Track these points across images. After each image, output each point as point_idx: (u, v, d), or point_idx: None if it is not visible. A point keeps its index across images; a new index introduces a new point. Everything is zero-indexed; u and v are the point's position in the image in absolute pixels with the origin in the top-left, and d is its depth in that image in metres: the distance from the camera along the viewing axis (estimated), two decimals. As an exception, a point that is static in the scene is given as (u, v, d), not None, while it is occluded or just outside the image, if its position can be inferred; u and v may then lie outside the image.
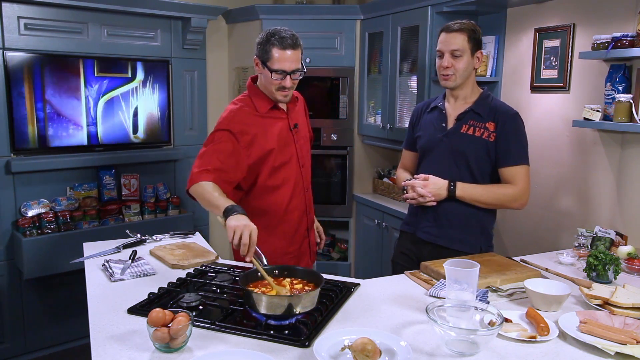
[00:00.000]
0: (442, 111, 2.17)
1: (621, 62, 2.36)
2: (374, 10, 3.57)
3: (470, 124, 2.09)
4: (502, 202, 2.09)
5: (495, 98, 2.17)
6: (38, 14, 3.22)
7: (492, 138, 2.06)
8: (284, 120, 2.13)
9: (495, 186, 2.09)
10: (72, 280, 3.34)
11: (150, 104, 3.69)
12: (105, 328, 1.45)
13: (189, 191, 1.97)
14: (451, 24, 2.08)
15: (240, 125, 2.03)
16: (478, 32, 2.09)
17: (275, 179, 2.10)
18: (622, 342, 1.36)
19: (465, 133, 2.09)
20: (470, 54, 2.07)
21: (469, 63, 2.08)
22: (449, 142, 2.11)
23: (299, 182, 2.18)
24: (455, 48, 2.05)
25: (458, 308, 1.43)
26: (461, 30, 2.05)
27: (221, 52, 4.15)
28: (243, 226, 1.67)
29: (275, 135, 2.09)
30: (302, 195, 2.20)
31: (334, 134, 3.83)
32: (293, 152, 2.15)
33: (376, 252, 3.65)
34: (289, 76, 1.99)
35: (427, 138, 2.19)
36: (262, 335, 1.40)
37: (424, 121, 2.25)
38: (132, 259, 1.99)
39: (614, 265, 1.86)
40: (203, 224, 4.10)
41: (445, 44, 2.07)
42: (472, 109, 2.11)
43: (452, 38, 2.05)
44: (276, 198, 2.12)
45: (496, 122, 2.07)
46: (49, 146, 3.31)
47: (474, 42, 2.07)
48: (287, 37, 1.96)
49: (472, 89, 2.15)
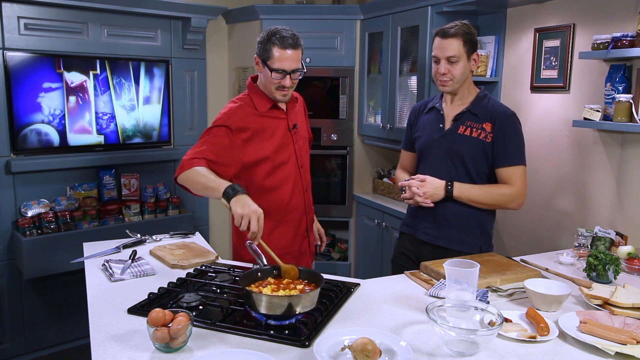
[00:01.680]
0: (439, 112, 2.17)
1: (621, 62, 2.36)
2: (374, 10, 3.57)
3: (467, 124, 2.09)
4: (499, 203, 2.09)
5: (492, 98, 2.16)
6: (38, 14, 3.22)
7: (489, 139, 2.06)
8: (283, 120, 2.13)
9: (493, 186, 2.09)
10: (72, 280, 3.34)
11: (150, 104, 3.69)
12: (105, 328, 1.45)
13: (178, 179, 1.94)
14: (446, 28, 2.05)
15: (239, 122, 2.03)
16: (473, 34, 2.07)
17: (273, 179, 2.10)
18: (622, 342, 1.36)
19: (462, 134, 2.09)
20: (466, 58, 2.05)
21: (465, 67, 2.06)
22: (446, 142, 2.11)
23: (298, 182, 2.17)
24: (451, 54, 2.03)
25: (458, 308, 1.43)
26: (456, 35, 2.03)
27: (221, 52, 4.15)
28: (250, 212, 1.67)
29: (274, 134, 2.09)
30: (301, 195, 2.20)
31: (334, 134, 3.83)
32: (292, 152, 2.14)
33: (376, 252, 3.65)
34: (289, 76, 1.99)
35: (425, 139, 2.19)
36: (262, 335, 1.40)
37: (421, 122, 2.25)
38: (132, 259, 1.99)
39: (614, 265, 1.86)
40: (203, 224, 4.10)
41: (441, 50, 2.05)
42: (469, 109, 2.10)
43: (447, 44, 2.03)
44: (275, 198, 2.12)
45: (493, 123, 2.07)
46: (49, 146, 3.31)
47: (469, 45, 2.05)
48: (288, 37, 1.96)
49: (469, 89, 2.14)
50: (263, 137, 2.06)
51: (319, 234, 2.42)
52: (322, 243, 2.43)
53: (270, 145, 2.07)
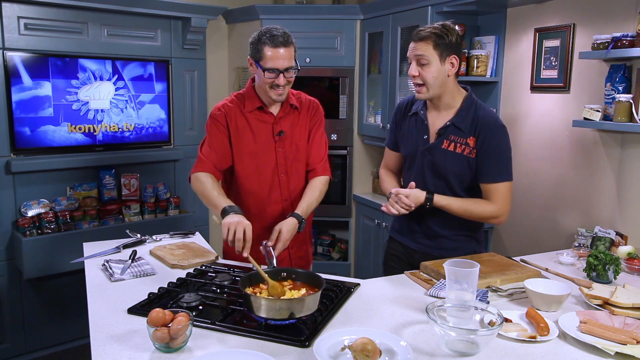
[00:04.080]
0: (423, 122, 2.07)
1: (621, 62, 2.36)
2: (374, 10, 3.57)
3: (451, 139, 2.00)
4: (479, 219, 2.04)
5: (479, 105, 2.02)
6: (38, 14, 3.22)
7: (472, 154, 1.98)
8: (268, 125, 2.09)
9: (473, 203, 2.01)
10: (72, 280, 3.34)
11: (150, 104, 3.69)
12: (105, 328, 1.45)
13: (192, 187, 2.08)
14: (419, 30, 1.96)
15: (225, 115, 2.08)
16: (450, 35, 1.92)
17: (248, 182, 2.10)
18: (622, 342, 1.36)
19: (447, 149, 2.01)
20: (439, 60, 1.92)
21: (439, 71, 1.93)
22: (430, 156, 2.04)
23: (276, 190, 2.11)
24: (419, 54, 1.94)
25: (458, 308, 1.43)
26: (426, 38, 1.92)
27: (221, 52, 4.15)
28: (237, 222, 1.72)
29: (253, 137, 2.08)
30: (279, 203, 2.12)
31: (334, 134, 3.83)
32: (271, 159, 2.09)
33: (376, 252, 3.65)
34: (282, 74, 1.97)
35: (410, 148, 2.12)
36: (262, 335, 1.40)
37: (406, 125, 2.15)
38: (132, 259, 1.99)
39: (614, 265, 1.86)
40: (203, 224, 4.10)
41: (411, 51, 1.97)
42: (453, 122, 2.00)
43: (417, 46, 1.95)
44: (249, 200, 2.10)
45: (476, 137, 1.97)
46: (49, 146, 3.31)
47: (443, 47, 1.91)
48: (278, 35, 1.94)
49: (453, 95, 2.01)
50: (242, 136, 2.07)
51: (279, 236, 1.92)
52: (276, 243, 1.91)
53: (246, 146, 2.07)
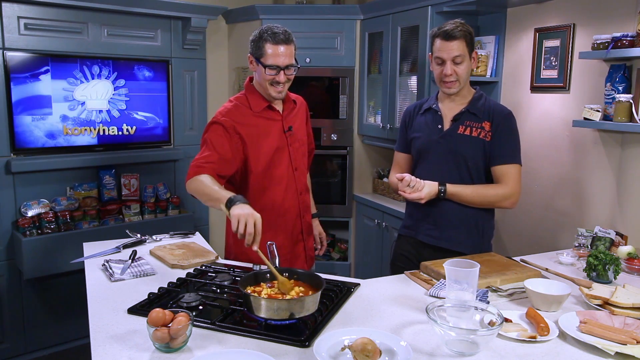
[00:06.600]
0: (436, 112, 2.16)
1: (621, 62, 2.36)
2: (374, 10, 3.57)
3: (466, 124, 2.09)
4: (492, 202, 2.09)
5: (488, 98, 2.17)
6: (38, 14, 3.22)
7: (488, 137, 2.07)
8: (278, 122, 2.13)
9: (485, 187, 2.10)
10: (72, 280, 3.34)
11: (150, 104, 3.69)
12: (105, 328, 1.45)
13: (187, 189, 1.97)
14: (449, 30, 2.03)
15: (233, 121, 2.04)
16: (472, 32, 2.09)
17: (266, 180, 2.10)
18: (622, 342, 1.36)
19: (463, 134, 2.09)
20: (469, 57, 2.07)
21: (469, 67, 2.09)
22: (446, 143, 2.11)
23: (292, 184, 2.16)
24: (457, 54, 2.03)
25: (458, 308, 1.43)
26: (461, 37, 2.03)
27: (221, 52, 4.15)
28: (247, 215, 1.63)
29: (268, 135, 2.09)
30: (295, 198, 2.18)
31: (334, 134, 3.83)
32: (285, 155, 2.14)
33: (376, 252, 3.65)
34: (283, 71, 2.00)
35: (424, 140, 2.18)
36: (262, 335, 1.40)
37: (417, 123, 2.23)
38: (132, 259, 1.99)
39: (614, 265, 1.86)
40: (203, 224, 4.10)
41: (447, 52, 2.04)
42: (468, 109, 2.11)
43: (453, 45, 2.03)
44: (267, 199, 2.11)
45: (491, 122, 2.08)
46: (49, 146, 3.31)
47: (471, 45, 2.07)
48: (279, 33, 1.97)
49: (468, 89, 2.16)
50: (257, 137, 2.07)
51: (320, 238, 2.42)
52: (322, 247, 2.43)
53: (263, 146, 2.07)
